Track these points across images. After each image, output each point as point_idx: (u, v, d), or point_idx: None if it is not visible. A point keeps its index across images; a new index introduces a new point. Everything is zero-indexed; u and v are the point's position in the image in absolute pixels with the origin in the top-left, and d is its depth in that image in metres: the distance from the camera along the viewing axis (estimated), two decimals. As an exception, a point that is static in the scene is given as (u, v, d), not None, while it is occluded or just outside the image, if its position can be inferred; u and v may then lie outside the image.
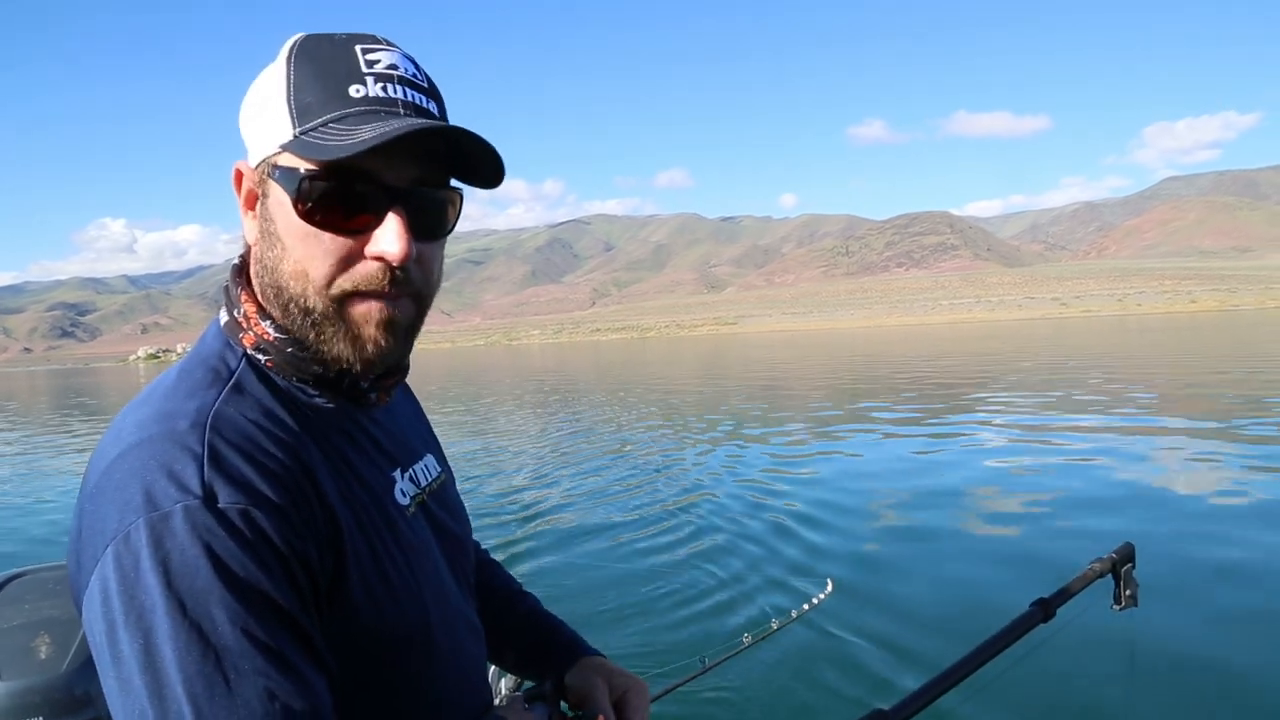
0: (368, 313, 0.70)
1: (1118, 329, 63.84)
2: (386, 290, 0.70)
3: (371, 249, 0.69)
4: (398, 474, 0.78)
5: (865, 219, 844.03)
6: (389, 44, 0.70)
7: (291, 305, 0.71)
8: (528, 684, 1.06)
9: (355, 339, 0.71)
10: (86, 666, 1.48)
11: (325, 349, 0.71)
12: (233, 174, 0.72)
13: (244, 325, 0.72)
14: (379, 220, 0.68)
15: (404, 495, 0.77)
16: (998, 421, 12.03)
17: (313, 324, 0.71)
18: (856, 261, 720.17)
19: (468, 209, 0.70)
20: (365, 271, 0.69)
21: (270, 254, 0.70)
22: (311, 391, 0.73)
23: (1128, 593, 1.55)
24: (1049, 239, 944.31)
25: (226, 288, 0.76)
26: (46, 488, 10.72)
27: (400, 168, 0.68)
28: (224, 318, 0.75)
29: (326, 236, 0.68)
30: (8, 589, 1.55)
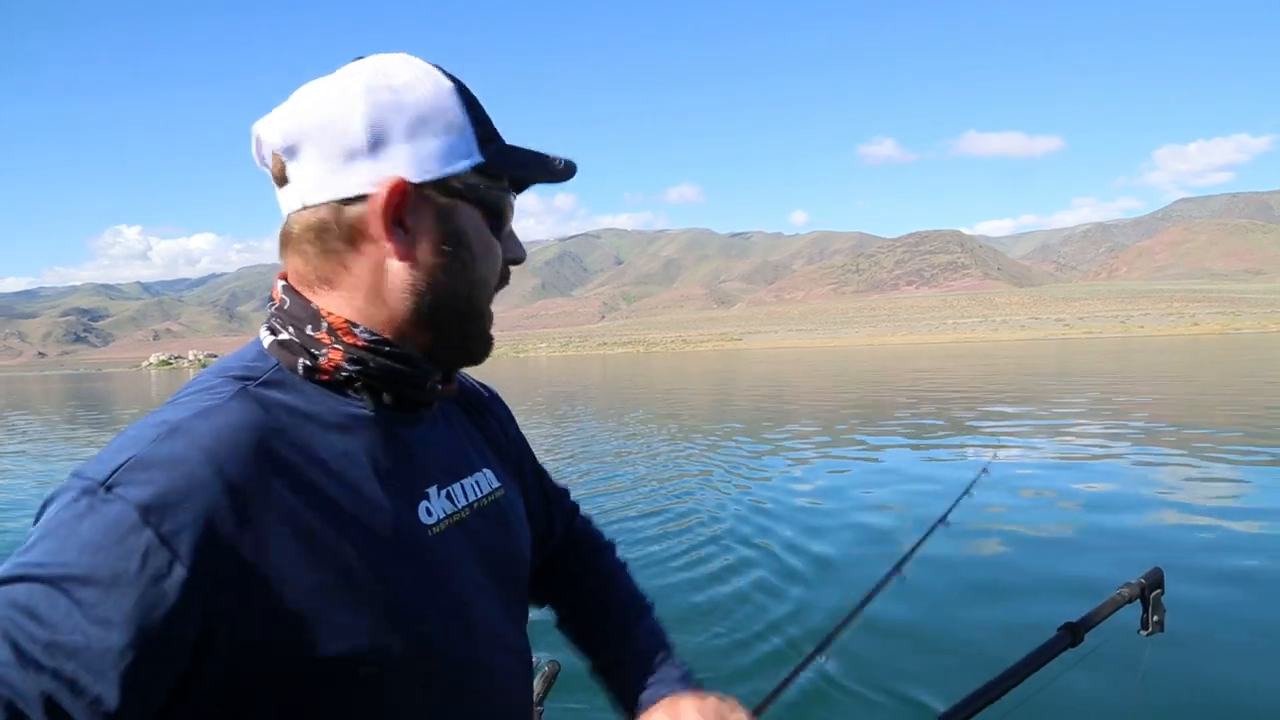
0: (490, 308, 0.80)
1: (1096, 351, 64.73)
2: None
3: (507, 254, 0.79)
4: (433, 490, 0.76)
5: (876, 236, 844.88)
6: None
7: (463, 313, 0.76)
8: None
9: (485, 342, 0.80)
10: None
11: (460, 353, 0.78)
12: (386, 195, 0.70)
13: (325, 341, 0.72)
14: (509, 227, 0.79)
15: (430, 513, 0.74)
16: (1007, 442, 12.33)
17: (470, 326, 0.77)
18: (866, 279, 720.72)
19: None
20: (505, 276, 0.80)
21: (451, 268, 0.73)
22: (365, 405, 0.73)
23: (1155, 618, 1.54)
24: (1060, 259, 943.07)
25: (288, 311, 0.74)
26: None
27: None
28: (267, 339, 0.74)
29: (494, 245, 0.77)
30: None
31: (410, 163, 0.71)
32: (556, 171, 0.79)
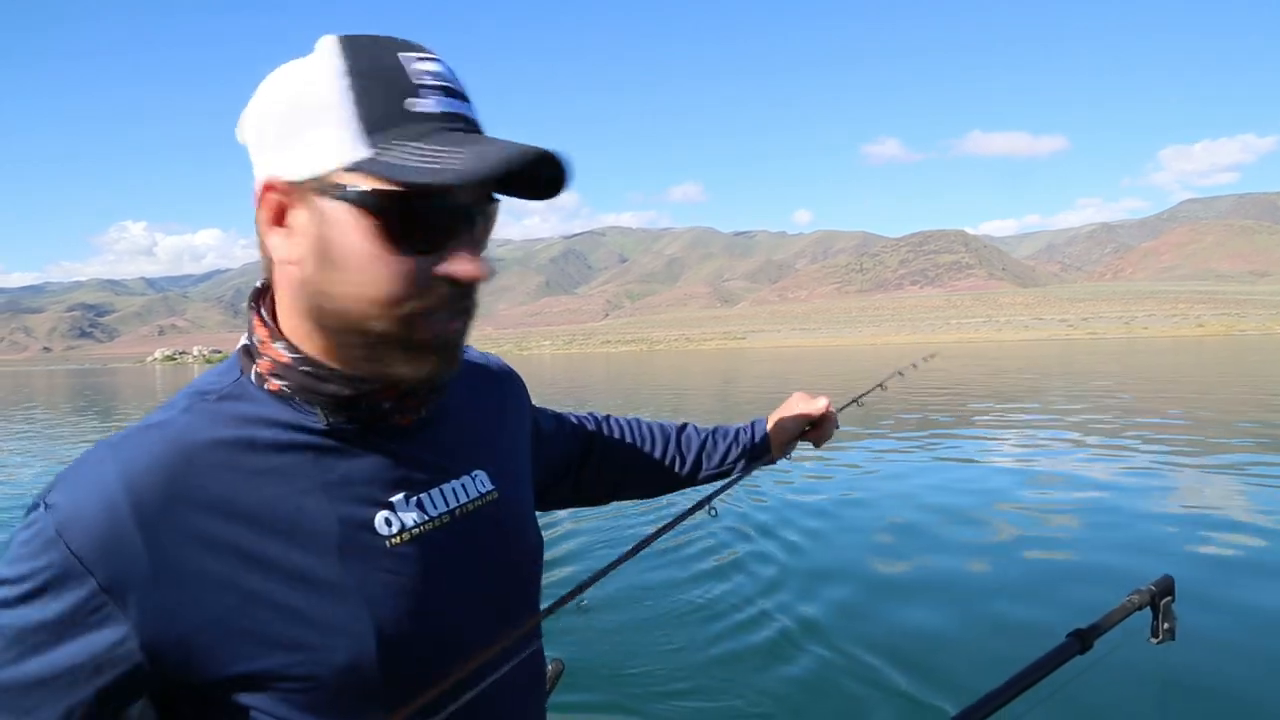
0: (434, 333, 0.68)
1: (1100, 352, 64.66)
2: (452, 310, 0.69)
3: (443, 269, 0.67)
4: (399, 498, 0.72)
5: (880, 236, 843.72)
6: (427, 50, 0.68)
7: (347, 328, 0.68)
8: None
9: (419, 360, 0.69)
10: None
11: (386, 369, 0.69)
12: (258, 189, 0.67)
13: (260, 351, 0.70)
14: (449, 240, 0.67)
15: (390, 524, 0.71)
16: (1014, 442, 12.37)
17: (371, 346, 0.68)
18: (870, 279, 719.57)
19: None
20: (436, 292, 0.67)
21: (322, 276, 0.66)
22: (312, 415, 0.70)
23: (1166, 626, 1.54)
24: (1065, 259, 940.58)
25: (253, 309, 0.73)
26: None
27: (472, 187, 0.65)
28: (242, 342, 0.73)
29: (396, 258, 0.65)
30: None
31: (285, 157, 0.66)
32: (489, 170, 0.61)
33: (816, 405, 1.24)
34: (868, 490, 8.96)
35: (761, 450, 1.23)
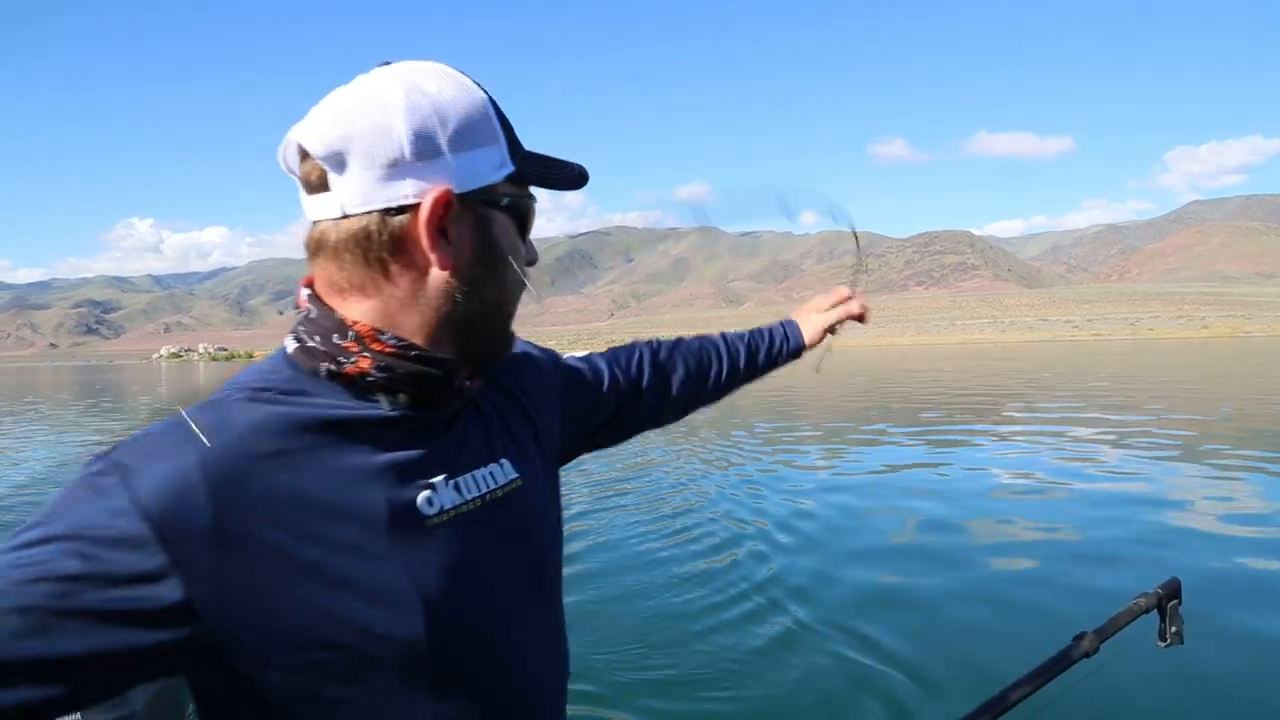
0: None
1: (1105, 354, 64.57)
2: None
3: (526, 257, 0.83)
4: (439, 481, 0.78)
5: (886, 237, 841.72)
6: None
7: (488, 315, 0.80)
8: None
9: (510, 335, 0.86)
10: None
11: (500, 347, 0.84)
12: (432, 204, 0.73)
13: (353, 349, 0.74)
14: (528, 236, 0.83)
15: (431, 504, 0.77)
16: (1019, 443, 12.59)
17: (495, 327, 0.82)
18: (876, 279, 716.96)
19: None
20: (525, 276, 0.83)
21: (483, 273, 0.77)
22: (383, 406, 0.76)
23: (1173, 629, 1.53)
24: (1071, 260, 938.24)
25: (309, 319, 0.77)
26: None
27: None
28: (292, 346, 0.77)
29: (522, 248, 0.82)
30: None
31: (453, 173, 0.74)
32: (574, 179, 0.84)
33: (839, 292, 1.37)
34: (867, 493, 8.94)
35: (796, 344, 1.36)
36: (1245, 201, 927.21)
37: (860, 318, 1.37)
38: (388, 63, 0.76)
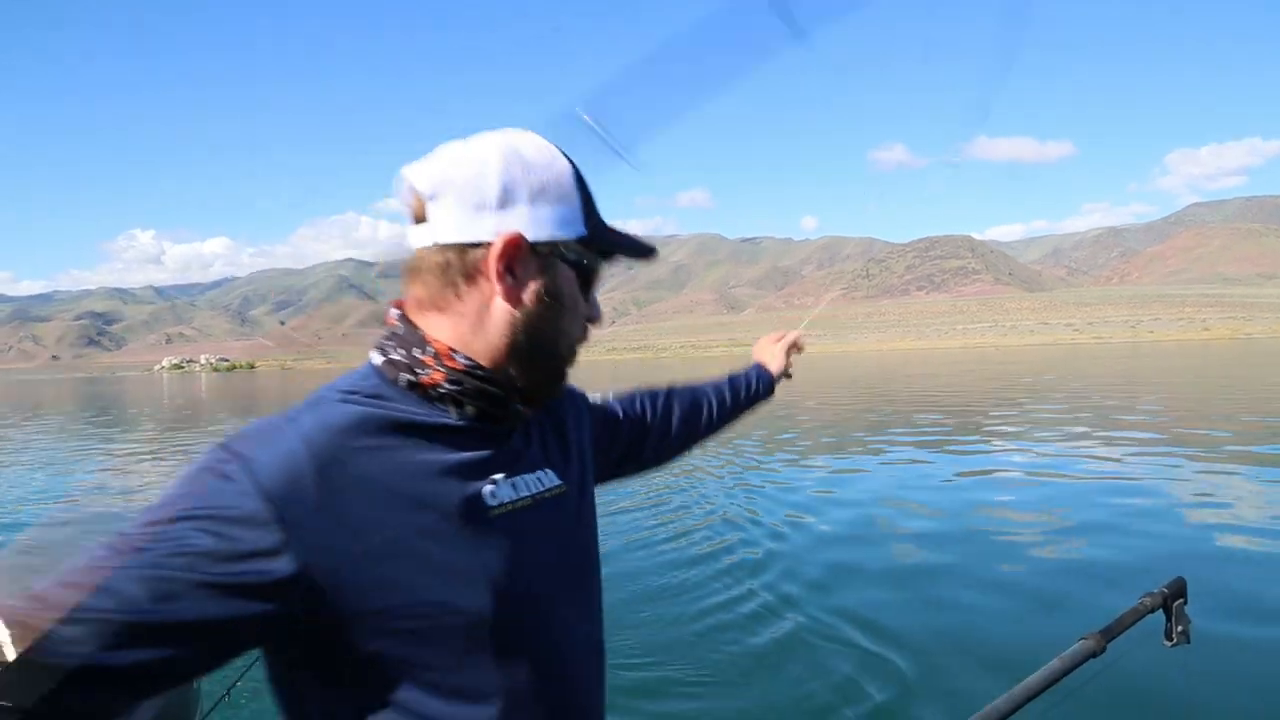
0: (575, 357, 0.98)
1: (1106, 356, 64.56)
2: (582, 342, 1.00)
3: (588, 313, 0.96)
4: (499, 477, 0.90)
5: (886, 242, 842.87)
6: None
7: (543, 350, 0.92)
8: None
9: (563, 380, 0.98)
10: None
11: (542, 389, 0.95)
12: (504, 244, 0.86)
13: (429, 363, 0.88)
14: (593, 294, 0.97)
15: (494, 497, 0.89)
16: (1022, 445, 12.64)
17: (551, 371, 0.95)
18: (877, 285, 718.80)
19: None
20: (585, 329, 0.97)
21: (541, 312, 0.90)
22: (452, 416, 0.89)
23: (1179, 629, 1.54)
24: (1071, 264, 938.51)
25: (395, 334, 0.91)
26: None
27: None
28: (377, 358, 0.90)
29: (583, 303, 0.95)
30: None
31: (528, 223, 0.87)
32: (642, 252, 0.98)
33: (788, 337, 1.67)
34: (867, 495, 9.00)
35: (768, 381, 1.62)
36: (1245, 203, 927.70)
37: (799, 347, 1.69)
38: (497, 130, 0.93)
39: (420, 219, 0.89)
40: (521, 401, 0.94)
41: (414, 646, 0.81)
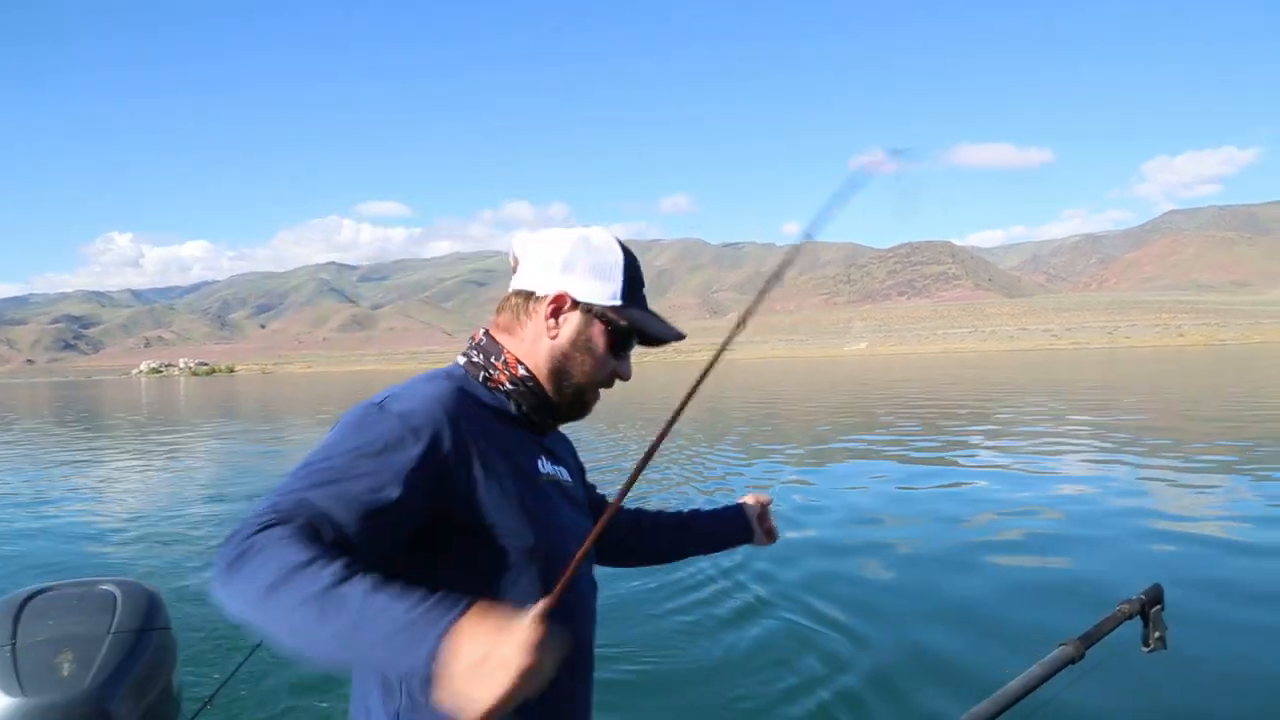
0: (596, 399, 1.34)
1: (1083, 362, 65.12)
2: (606, 389, 1.33)
3: (617, 369, 1.32)
4: (543, 458, 1.30)
5: (868, 247, 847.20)
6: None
7: (568, 382, 1.29)
8: None
9: (583, 409, 1.33)
10: (109, 683, 1.53)
11: (567, 408, 1.31)
12: (554, 297, 1.25)
13: (499, 368, 1.28)
14: (625, 356, 1.32)
15: (541, 469, 1.28)
16: (998, 452, 12.78)
17: (573, 396, 1.30)
18: (858, 290, 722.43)
19: (473, 230, 2.83)
20: (609, 380, 1.32)
21: (573, 354, 1.27)
22: (511, 408, 1.28)
23: (1156, 635, 1.57)
24: (1050, 270, 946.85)
25: (481, 345, 1.31)
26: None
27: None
28: (463, 361, 1.31)
29: (608, 358, 1.29)
30: (31, 605, 1.60)
31: (576, 287, 1.26)
32: (664, 335, 1.31)
33: (762, 499, 1.81)
34: (847, 500, 9.08)
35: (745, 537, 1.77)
36: (1219, 212, 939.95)
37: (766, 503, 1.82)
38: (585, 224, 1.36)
39: (515, 271, 1.31)
40: (552, 414, 1.31)
41: (492, 554, 1.16)
